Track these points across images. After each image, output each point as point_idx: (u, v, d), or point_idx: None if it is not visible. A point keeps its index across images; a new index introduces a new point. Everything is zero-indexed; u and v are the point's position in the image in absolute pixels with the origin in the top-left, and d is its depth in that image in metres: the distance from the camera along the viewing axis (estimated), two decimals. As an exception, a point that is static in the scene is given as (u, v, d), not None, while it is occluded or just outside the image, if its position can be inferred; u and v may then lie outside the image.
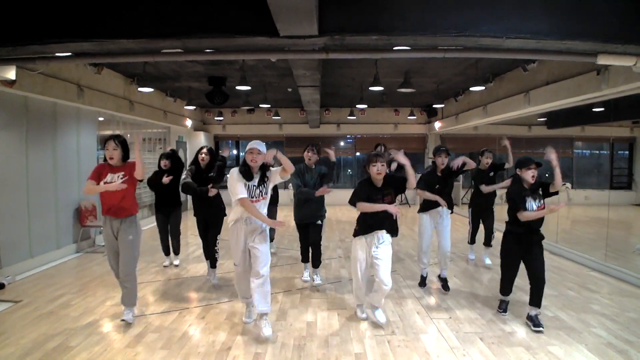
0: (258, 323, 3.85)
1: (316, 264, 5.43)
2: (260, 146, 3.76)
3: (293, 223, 5.52)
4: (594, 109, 9.35)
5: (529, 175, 3.96)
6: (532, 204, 3.91)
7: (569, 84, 6.07)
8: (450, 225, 5.07)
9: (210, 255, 5.38)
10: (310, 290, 5.19)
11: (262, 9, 3.13)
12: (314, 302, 4.78)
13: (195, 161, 5.32)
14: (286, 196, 14.06)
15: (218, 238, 5.34)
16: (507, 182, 5.20)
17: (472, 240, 6.47)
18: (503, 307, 4.35)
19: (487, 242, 6.26)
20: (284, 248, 7.44)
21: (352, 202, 3.92)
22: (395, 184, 3.95)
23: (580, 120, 11.75)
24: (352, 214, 5.21)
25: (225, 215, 5.19)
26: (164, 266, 6.23)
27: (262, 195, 3.84)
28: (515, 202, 3.95)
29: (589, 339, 3.73)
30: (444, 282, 5.13)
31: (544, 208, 3.93)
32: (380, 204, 3.83)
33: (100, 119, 8.19)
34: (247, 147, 3.75)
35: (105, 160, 4.03)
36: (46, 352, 3.50)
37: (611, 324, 4.05)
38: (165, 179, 5.79)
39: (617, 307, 4.53)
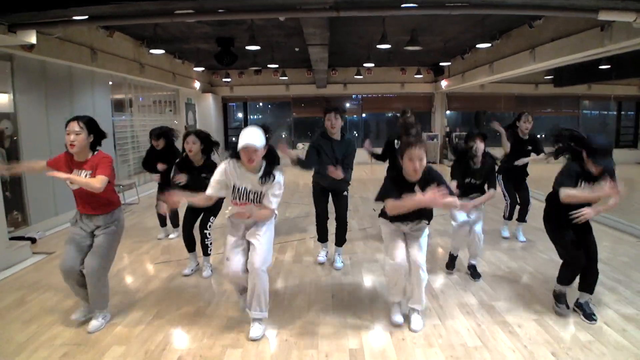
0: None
1: (341, 241, 4.57)
2: (257, 139, 2.83)
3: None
4: (599, 67, 9.41)
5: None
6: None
7: (573, 40, 6.16)
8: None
9: (201, 240, 4.31)
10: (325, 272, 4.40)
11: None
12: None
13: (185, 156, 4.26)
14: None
15: (211, 220, 4.30)
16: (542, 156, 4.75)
17: (509, 216, 5.45)
18: (563, 301, 3.38)
19: (522, 218, 5.39)
20: (295, 202, 7.74)
21: (380, 198, 3.06)
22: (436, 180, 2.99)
23: (587, 78, 11.76)
24: (365, 174, 4.95)
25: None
26: (158, 239, 5.68)
27: (257, 202, 3.03)
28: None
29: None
30: (472, 269, 4.25)
31: None
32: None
33: (109, 83, 8.37)
34: (240, 144, 2.82)
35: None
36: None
37: (604, 266, 4.33)
38: (160, 166, 5.15)
39: (611, 253, 4.83)
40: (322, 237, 4.64)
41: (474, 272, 4.20)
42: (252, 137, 2.81)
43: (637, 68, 9.09)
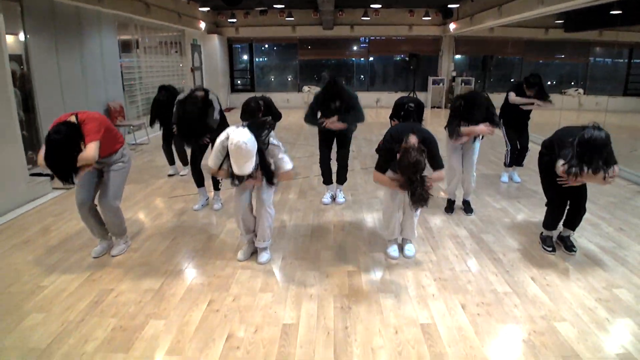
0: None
1: (342, 180, 4.83)
2: (249, 162, 2.91)
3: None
4: (610, 12, 9.23)
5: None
6: None
7: (582, -19, 6.09)
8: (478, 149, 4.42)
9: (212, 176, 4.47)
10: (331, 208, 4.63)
11: None
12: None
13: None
14: (300, 99, 14.43)
15: None
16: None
17: (510, 162, 5.55)
18: (550, 243, 3.61)
19: (519, 162, 5.59)
20: (300, 143, 7.96)
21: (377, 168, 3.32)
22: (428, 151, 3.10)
23: (597, 23, 11.51)
24: (370, 118, 4.78)
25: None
26: (169, 175, 6.00)
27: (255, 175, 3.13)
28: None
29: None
30: (466, 204, 4.52)
31: None
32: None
33: (116, 23, 8.36)
34: (234, 169, 2.94)
35: None
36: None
37: (590, 205, 4.55)
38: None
39: (600, 193, 5.07)
40: (327, 179, 4.87)
41: (467, 207, 4.50)
42: (242, 162, 2.89)
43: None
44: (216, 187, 4.69)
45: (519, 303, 2.82)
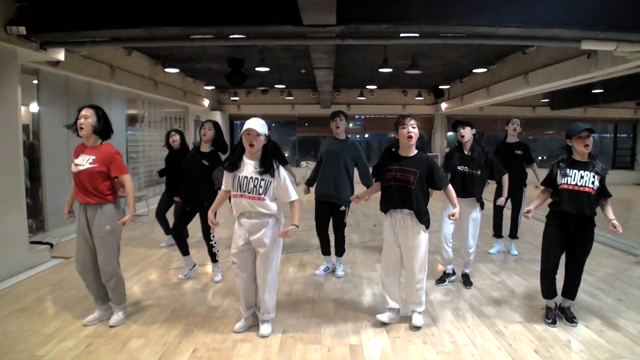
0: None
1: (340, 251, 4.79)
2: (259, 126, 3.06)
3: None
4: (592, 91, 9.85)
5: (581, 144, 3.31)
6: (575, 176, 3.33)
7: (563, 66, 6.58)
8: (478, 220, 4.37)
9: (208, 249, 4.53)
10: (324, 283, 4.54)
11: (290, 2, 3.68)
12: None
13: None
14: (298, 174, 14.71)
15: (212, 229, 4.24)
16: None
17: (496, 232, 5.64)
18: (551, 316, 3.55)
19: (513, 233, 5.59)
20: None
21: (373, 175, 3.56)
22: (427, 170, 3.30)
23: (581, 101, 12.19)
24: None
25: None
26: (162, 246, 5.97)
27: (257, 192, 3.10)
28: (550, 171, 3.49)
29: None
30: (465, 277, 4.49)
31: (591, 192, 3.28)
32: (389, 176, 3.33)
33: (125, 98, 8.79)
34: (243, 128, 3.07)
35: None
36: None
37: (589, 276, 4.60)
38: (176, 199, 5.19)
39: (598, 265, 5.11)
40: (325, 249, 4.86)
41: (466, 281, 4.49)
42: (254, 123, 3.06)
43: (626, 92, 9.52)
44: (214, 259, 4.60)
45: (525, 376, 2.78)
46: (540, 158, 5.30)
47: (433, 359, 3.02)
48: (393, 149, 3.42)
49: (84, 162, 3.32)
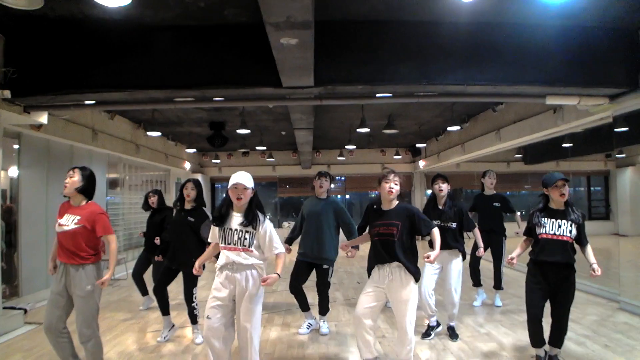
0: None
1: (323, 310, 4.72)
2: (246, 180, 3.11)
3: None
4: (562, 145, 10.29)
5: (557, 193, 3.43)
6: (552, 225, 3.44)
7: (531, 121, 6.93)
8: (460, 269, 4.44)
9: (189, 311, 4.45)
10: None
11: (270, 66, 3.89)
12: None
13: (181, 197, 4.44)
14: (280, 234, 14.63)
15: (194, 291, 4.41)
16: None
17: (475, 281, 5.69)
18: None
19: (497, 284, 5.59)
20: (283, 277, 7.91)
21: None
22: (409, 219, 3.34)
23: (552, 155, 12.69)
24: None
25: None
26: (140, 309, 5.81)
27: (242, 244, 3.11)
28: (529, 221, 3.60)
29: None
30: (450, 330, 4.45)
31: (568, 240, 3.39)
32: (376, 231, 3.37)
33: (106, 162, 8.83)
34: (230, 182, 3.10)
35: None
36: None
37: (574, 325, 4.58)
38: (157, 240, 5.31)
39: (582, 312, 5.12)
40: (303, 306, 4.73)
41: (452, 334, 4.43)
42: (242, 177, 3.10)
43: (593, 145, 9.96)
44: (194, 320, 4.47)
45: None
46: (519, 213, 5.54)
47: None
48: (375, 206, 3.47)
49: (69, 222, 3.27)
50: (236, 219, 3.14)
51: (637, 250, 9.67)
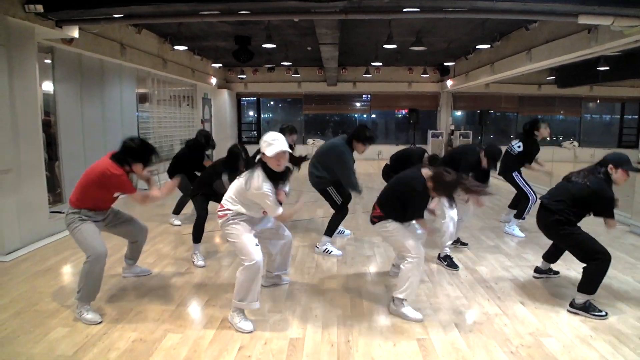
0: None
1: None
2: (287, 146, 2.96)
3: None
4: (597, 68, 9.89)
5: (624, 179, 3.30)
6: None
7: (564, 42, 6.67)
8: None
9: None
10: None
11: (294, -22, 3.87)
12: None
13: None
14: (304, 151, 14.96)
15: None
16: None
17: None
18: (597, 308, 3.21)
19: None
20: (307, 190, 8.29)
21: None
22: None
23: (587, 79, 12.20)
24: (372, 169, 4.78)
25: None
26: (175, 224, 5.89)
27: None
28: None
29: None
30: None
31: None
32: None
33: (135, 76, 9.01)
34: (275, 150, 2.87)
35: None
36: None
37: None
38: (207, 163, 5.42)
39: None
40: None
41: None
42: (285, 143, 2.92)
43: (627, 69, 9.55)
44: (197, 239, 4.36)
45: (509, 322, 3.05)
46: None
47: (426, 307, 3.29)
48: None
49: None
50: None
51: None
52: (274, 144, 2.87)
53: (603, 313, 3.17)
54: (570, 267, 4.12)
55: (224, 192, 3.21)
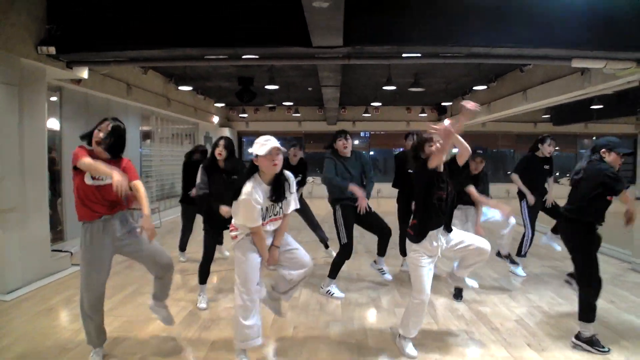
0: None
1: (382, 252, 4.67)
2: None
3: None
4: (591, 106, 10.13)
5: (618, 162, 3.41)
6: None
7: (559, 82, 6.90)
8: None
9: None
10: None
11: (301, 25, 4.03)
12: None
13: (212, 158, 4.10)
14: (305, 190, 15.03)
15: None
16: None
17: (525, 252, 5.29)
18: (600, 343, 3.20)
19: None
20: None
21: None
22: None
23: (581, 117, 12.45)
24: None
25: None
26: (181, 261, 5.81)
27: (281, 213, 3.00)
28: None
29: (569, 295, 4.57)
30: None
31: None
32: None
33: (140, 115, 9.20)
34: (268, 147, 2.76)
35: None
36: (124, 296, 4.46)
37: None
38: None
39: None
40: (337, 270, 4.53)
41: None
42: (275, 140, 2.81)
43: (620, 108, 9.79)
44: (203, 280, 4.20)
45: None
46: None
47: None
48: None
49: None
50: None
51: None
52: (266, 144, 2.77)
53: (606, 349, 3.18)
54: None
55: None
